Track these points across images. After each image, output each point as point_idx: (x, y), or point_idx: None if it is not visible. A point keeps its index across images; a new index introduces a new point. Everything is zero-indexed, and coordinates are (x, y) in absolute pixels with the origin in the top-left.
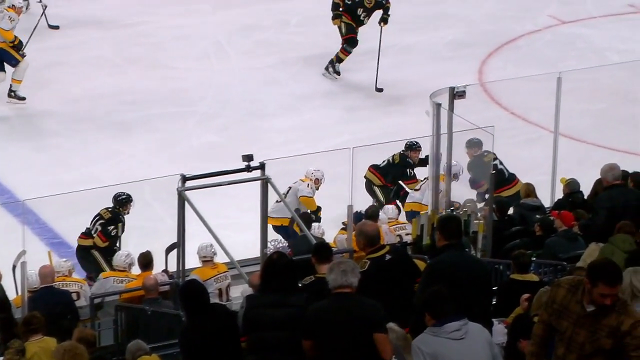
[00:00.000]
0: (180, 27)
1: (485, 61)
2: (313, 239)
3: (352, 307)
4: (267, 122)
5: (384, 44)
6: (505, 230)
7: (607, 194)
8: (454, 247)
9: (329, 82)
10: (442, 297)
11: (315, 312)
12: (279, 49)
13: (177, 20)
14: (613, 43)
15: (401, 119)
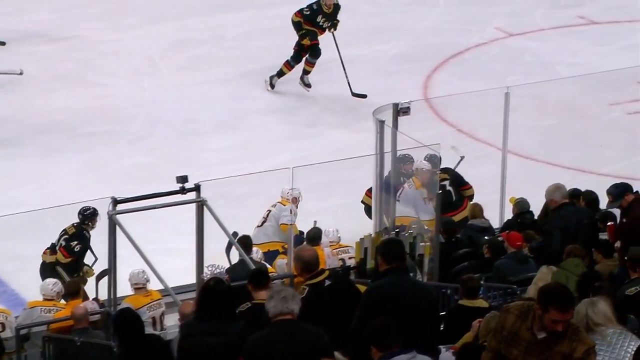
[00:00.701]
0: (109, 42)
1: (430, 76)
2: (252, 263)
3: (294, 334)
4: (203, 141)
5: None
6: (452, 252)
7: (558, 214)
8: (395, 272)
9: (267, 98)
10: (388, 329)
11: (256, 341)
12: (214, 65)
13: (106, 34)
14: (562, 56)
15: (344, 136)
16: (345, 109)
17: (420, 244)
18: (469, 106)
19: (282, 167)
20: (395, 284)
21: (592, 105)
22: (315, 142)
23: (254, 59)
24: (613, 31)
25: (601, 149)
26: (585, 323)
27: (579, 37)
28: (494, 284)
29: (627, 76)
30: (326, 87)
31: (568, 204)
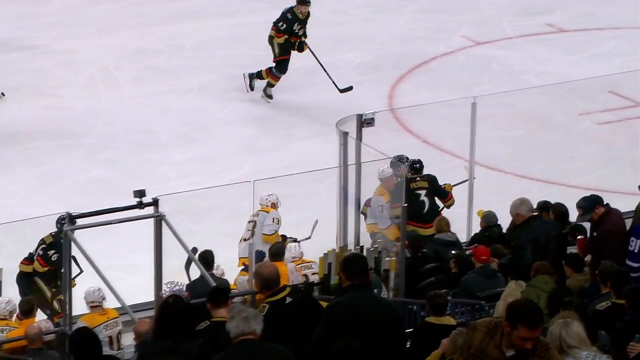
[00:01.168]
0: (64, 52)
1: (395, 85)
2: (212, 280)
3: (257, 354)
4: (161, 154)
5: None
6: (419, 267)
7: (527, 227)
8: (357, 288)
9: (227, 109)
10: (352, 350)
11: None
12: (173, 75)
13: (61, 44)
14: (531, 65)
15: (307, 148)
16: (308, 120)
17: (385, 258)
18: (435, 117)
19: (243, 180)
20: (356, 301)
21: (562, 115)
22: (276, 155)
23: (214, 69)
24: (583, 39)
25: (571, 160)
26: (559, 345)
27: (548, 45)
28: (461, 299)
29: (597, 85)
30: (288, 99)
31: (535, 217)
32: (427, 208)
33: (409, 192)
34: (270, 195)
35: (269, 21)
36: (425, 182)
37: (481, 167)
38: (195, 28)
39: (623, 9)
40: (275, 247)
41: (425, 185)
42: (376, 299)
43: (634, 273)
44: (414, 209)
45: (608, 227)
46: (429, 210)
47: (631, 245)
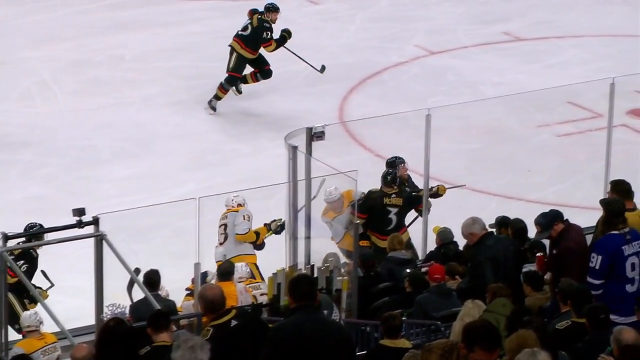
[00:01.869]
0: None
1: (346, 97)
2: (155, 302)
3: None
4: (101, 171)
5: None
6: (372, 286)
7: (483, 245)
8: (303, 310)
9: (171, 124)
10: None
11: None
12: (113, 88)
13: None
14: (487, 75)
15: (254, 164)
16: (255, 134)
17: (337, 278)
18: (389, 129)
19: (188, 197)
20: (302, 323)
21: (520, 127)
22: (223, 170)
23: (156, 82)
24: (540, 48)
25: (529, 173)
26: None
27: (504, 54)
28: (416, 320)
29: (556, 96)
30: (234, 112)
31: (489, 234)
32: (393, 225)
33: (380, 207)
34: (237, 197)
35: (214, 30)
36: (401, 199)
37: (436, 182)
38: (136, 38)
39: (582, 17)
40: (223, 266)
41: (400, 203)
42: (324, 320)
43: (595, 291)
44: (380, 222)
45: (567, 244)
46: (395, 226)
47: (592, 262)
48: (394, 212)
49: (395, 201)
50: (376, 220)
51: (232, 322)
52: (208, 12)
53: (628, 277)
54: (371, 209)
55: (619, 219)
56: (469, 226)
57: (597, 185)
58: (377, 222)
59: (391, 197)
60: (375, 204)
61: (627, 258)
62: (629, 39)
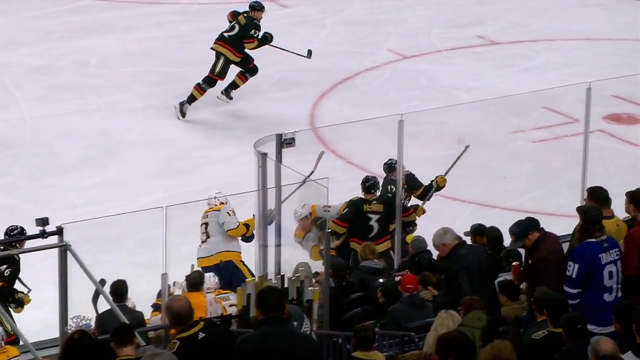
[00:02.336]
0: None
1: (317, 103)
2: (121, 314)
3: None
4: (65, 179)
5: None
6: (344, 297)
7: (456, 255)
8: (271, 322)
9: (137, 130)
10: None
11: None
12: (78, 94)
13: None
14: (461, 80)
15: (223, 171)
16: (224, 141)
17: (308, 288)
18: (361, 136)
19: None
20: (268, 336)
21: (494, 133)
22: (191, 178)
23: (122, 87)
24: (515, 52)
25: (505, 180)
26: None
27: (478, 58)
28: (389, 331)
29: (531, 101)
30: (203, 118)
31: (462, 243)
32: (374, 233)
33: (360, 214)
34: (218, 193)
35: (180, 35)
36: (381, 205)
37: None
38: (101, 43)
39: (556, 20)
40: (192, 276)
41: (380, 209)
42: (292, 333)
43: (572, 300)
44: (361, 230)
45: (542, 254)
46: (377, 234)
47: (569, 270)
48: (375, 219)
49: (376, 208)
50: (357, 228)
51: (200, 334)
52: (173, 16)
53: (606, 286)
54: (352, 216)
55: (595, 227)
56: (441, 237)
57: (574, 192)
58: (358, 230)
59: (372, 204)
60: (355, 211)
61: (605, 266)
62: (605, 42)
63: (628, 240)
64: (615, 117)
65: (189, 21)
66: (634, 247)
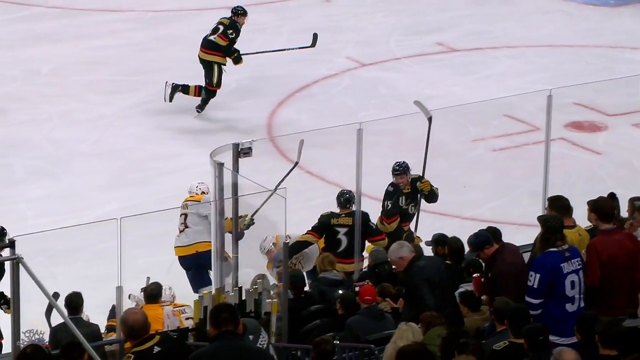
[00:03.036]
0: None
1: (275, 111)
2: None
3: None
4: (16, 190)
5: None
6: (302, 309)
7: (416, 267)
8: (224, 337)
9: (90, 141)
10: None
11: None
12: (29, 103)
13: None
14: (420, 87)
15: (178, 182)
16: (179, 151)
17: (266, 300)
18: (319, 145)
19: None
20: (221, 350)
21: (454, 141)
22: (145, 189)
23: (74, 97)
24: (475, 59)
25: (465, 190)
26: None
27: (438, 66)
28: (349, 344)
29: (491, 109)
30: (156, 129)
31: (419, 255)
32: (343, 247)
33: (327, 227)
34: (202, 184)
35: (134, 43)
36: (350, 219)
37: (368, 199)
38: (53, 52)
39: (517, 27)
40: (150, 288)
41: (348, 222)
42: (245, 347)
43: (534, 310)
44: (330, 244)
45: (501, 267)
46: (346, 249)
47: (530, 281)
48: (343, 232)
49: (344, 221)
50: (327, 242)
51: (155, 348)
52: (127, 24)
53: (568, 296)
54: (320, 229)
55: (557, 236)
56: (397, 251)
57: (535, 202)
58: (327, 244)
59: (340, 217)
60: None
61: (567, 276)
62: (566, 49)
63: (590, 250)
64: (577, 125)
65: (142, 29)
66: (595, 257)
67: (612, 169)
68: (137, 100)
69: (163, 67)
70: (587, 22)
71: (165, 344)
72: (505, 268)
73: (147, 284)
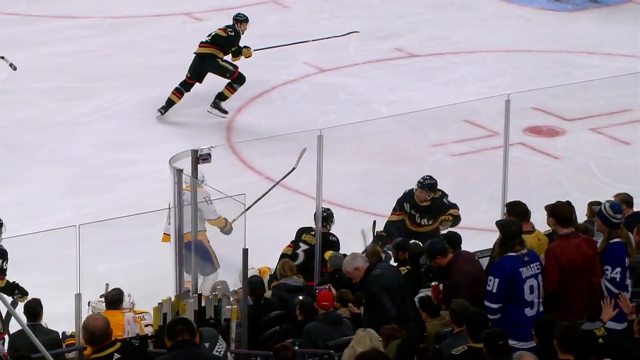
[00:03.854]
0: None
1: (234, 117)
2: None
3: None
4: None
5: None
6: (262, 315)
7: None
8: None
9: (47, 148)
10: None
11: None
12: None
13: None
14: (380, 93)
15: (136, 188)
16: (137, 157)
17: (226, 307)
18: (278, 151)
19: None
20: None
21: (414, 147)
22: (103, 196)
23: (32, 103)
24: (435, 64)
25: None
26: None
27: (397, 71)
28: (309, 350)
29: (451, 114)
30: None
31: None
32: (299, 261)
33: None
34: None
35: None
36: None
37: (329, 205)
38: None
39: (476, 32)
40: (111, 294)
41: (312, 242)
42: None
43: (493, 315)
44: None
45: (456, 277)
46: (303, 265)
47: (489, 285)
48: (302, 248)
49: (308, 238)
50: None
51: (115, 355)
52: (83, 31)
53: (527, 301)
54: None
55: (515, 241)
56: (352, 262)
57: (494, 207)
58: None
59: (309, 233)
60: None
61: (526, 280)
62: (525, 54)
63: (548, 255)
64: (535, 130)
65: (100, 35)
66: (554, 261)
67: (570, 174)
68: (94, 107)
69: (120, 74)
70: (545, 27)
71: (126, 351)
72: (459, 277)
73: (106, 291)
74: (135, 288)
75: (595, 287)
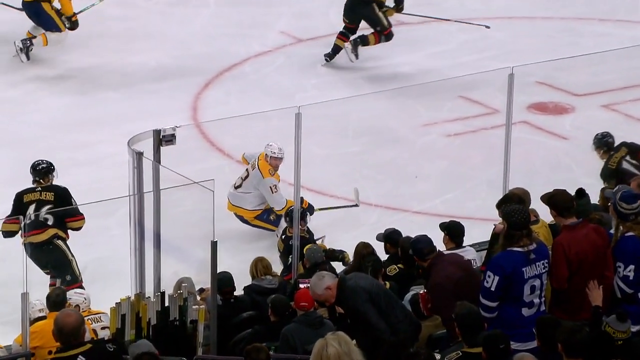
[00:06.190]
0: None
1: (200, 94)
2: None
3: None
4: None
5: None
6: (233, 317)
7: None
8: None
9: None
10: None
11: None
12: None
13: None
14: (364, 66)
15: (92, 173)
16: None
17: (192, 307)
18: (251, 131)
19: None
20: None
21: (403, 126)
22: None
23: None
24: (425, 33)
25: (415, 180)
26: None
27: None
28: (285, 354)
29: (444, 88)
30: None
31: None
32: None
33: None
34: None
35: None
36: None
37: (308, 192)
38: None
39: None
40: (55, 294)
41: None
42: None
43: (489, 313)
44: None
45: (436, 279)
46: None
47: (487, 282)
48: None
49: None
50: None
51: (80, 357)
52: None
53: (525, 301)
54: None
55: (522, 233)
56: (320, 283)
57: (494, 193)
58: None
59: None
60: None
61: (527, 281)
62: (526, 21)
63: (556, 249)
64: (541, 107)
65: None
66: (563, 256)
67: (579, 157)
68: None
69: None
70: None
71: (94, 355)
72: (440, 280)
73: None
74: (89, 285)
75: (607, 282)
